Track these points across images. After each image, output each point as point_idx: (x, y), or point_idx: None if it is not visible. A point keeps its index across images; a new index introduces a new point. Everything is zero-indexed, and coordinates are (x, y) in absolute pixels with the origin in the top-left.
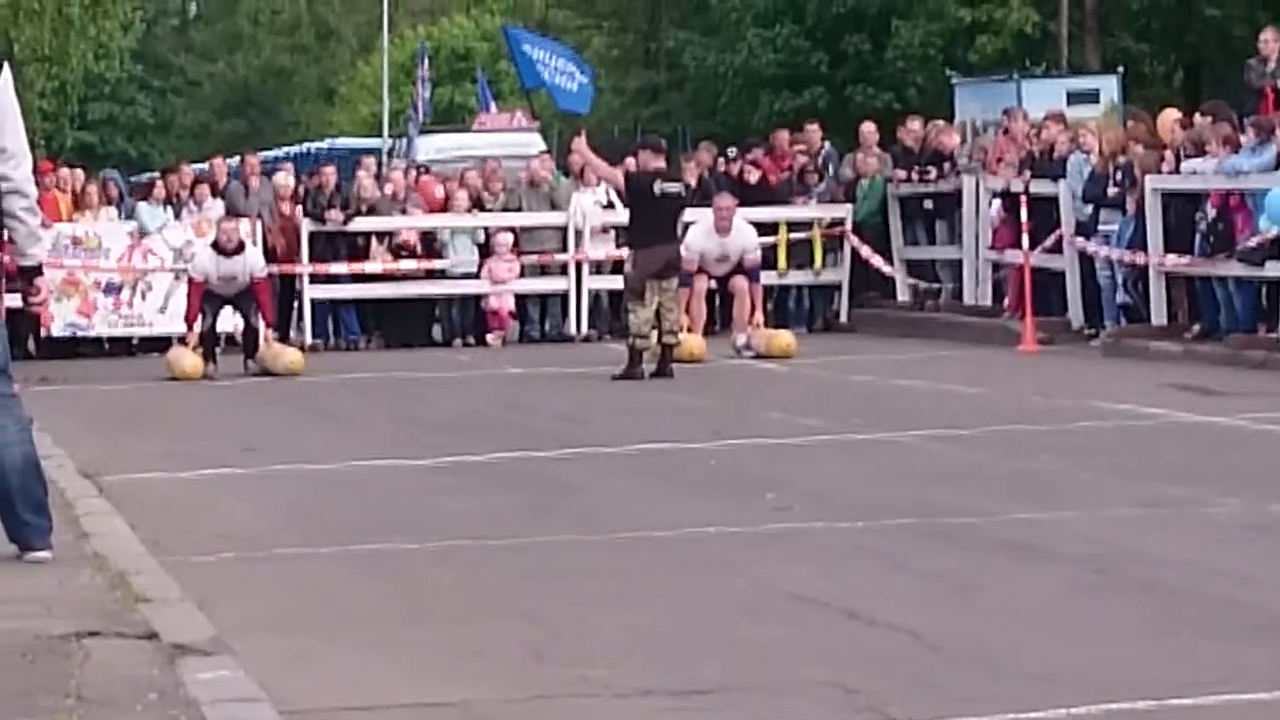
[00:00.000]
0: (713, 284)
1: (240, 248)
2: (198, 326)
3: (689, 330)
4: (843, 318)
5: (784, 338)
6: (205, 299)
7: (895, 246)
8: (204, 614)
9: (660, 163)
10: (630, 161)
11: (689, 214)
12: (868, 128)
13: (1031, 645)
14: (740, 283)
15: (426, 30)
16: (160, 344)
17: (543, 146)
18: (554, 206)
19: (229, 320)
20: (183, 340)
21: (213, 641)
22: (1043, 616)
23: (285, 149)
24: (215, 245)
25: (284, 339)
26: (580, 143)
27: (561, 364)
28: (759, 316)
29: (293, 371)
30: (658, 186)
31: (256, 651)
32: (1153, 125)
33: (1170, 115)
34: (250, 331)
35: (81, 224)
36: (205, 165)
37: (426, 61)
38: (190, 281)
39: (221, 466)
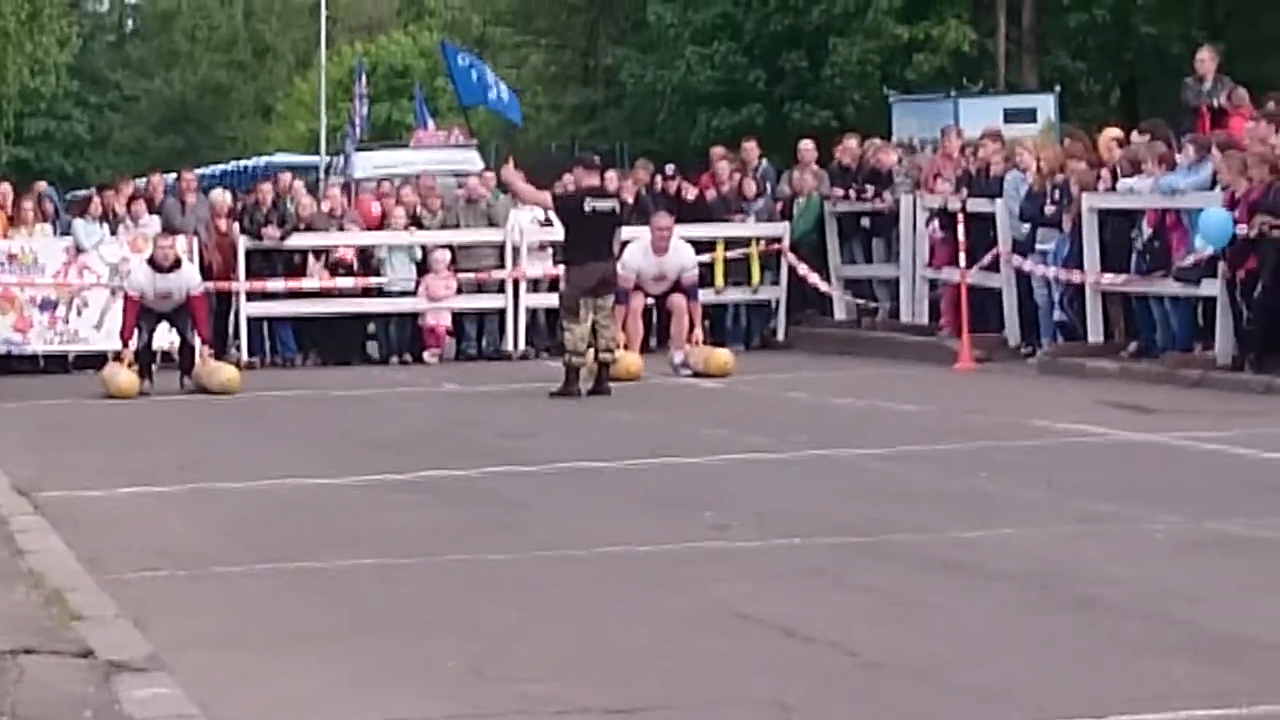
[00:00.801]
0: (650, 301)
1: (176, 264)
2: (133, 343)
3: (625, 348)
4: (780, 335)
5: (721, 355)
6: (141, 315)
7: (833, 264)
8: (140, 631)
9: (594, 180)
10: (568, 178)
11: (627, 232)
12: (805, 145)
13: (971, 662)
14: (678, 300)
15: (364, 47)
16: (96, 361)
17: (480, 164)
18: (491, 224)
19: (165, 337)
20: (118, 357)
21: (149, 659)
22: (982, 634)
23: (222, 165)
24: (151, 262)
25: (220, 356)
26: (507, 170)
27: (499, 381)
28: (697, 334)
29: (229, 389)
30: (589, 204)
31: (194, 669)
32: (1090, 143)
33: (1110, 134)
34: (186, 348)
35: (17, 240)
36: (143, 181)
37: (364, 78)
38: (126, 298)
39: (158, 484)
